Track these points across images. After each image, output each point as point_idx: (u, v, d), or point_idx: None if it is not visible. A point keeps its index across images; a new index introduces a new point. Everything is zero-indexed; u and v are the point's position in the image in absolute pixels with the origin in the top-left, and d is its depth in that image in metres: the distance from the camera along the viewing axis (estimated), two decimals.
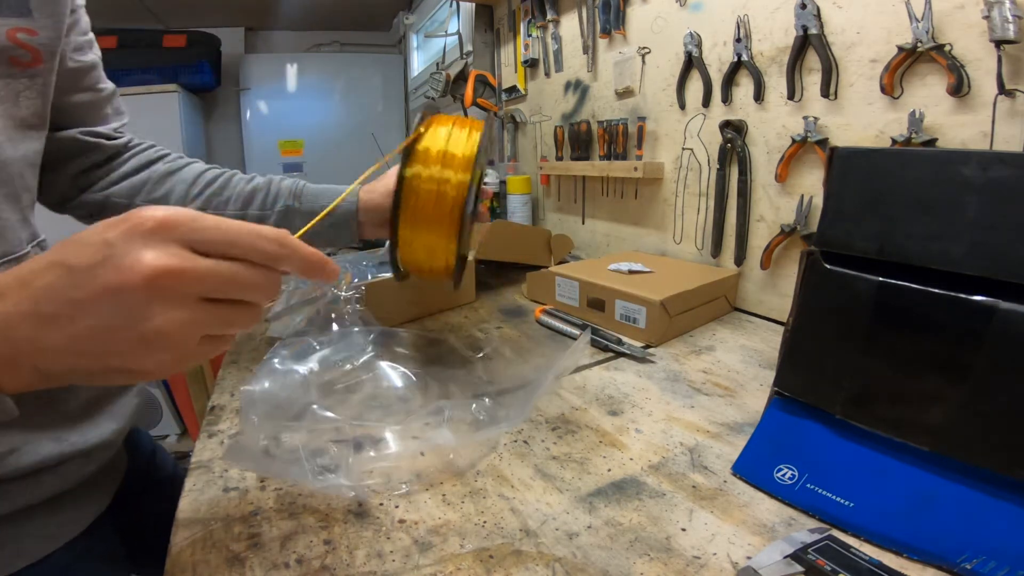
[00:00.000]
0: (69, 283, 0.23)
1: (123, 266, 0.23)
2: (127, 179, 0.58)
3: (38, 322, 0.23)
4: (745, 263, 0.84)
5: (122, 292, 0.23)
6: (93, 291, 0.23)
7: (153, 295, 0.23)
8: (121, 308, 0.23)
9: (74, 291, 0.23)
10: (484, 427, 0.45)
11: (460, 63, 1.63)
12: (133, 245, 0.23)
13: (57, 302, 0.23)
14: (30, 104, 0.42)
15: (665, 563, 0.34)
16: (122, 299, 0.23)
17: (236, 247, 0.25)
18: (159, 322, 0.23)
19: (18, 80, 0.41)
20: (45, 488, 0.41)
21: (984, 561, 0.32)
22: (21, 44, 0.40)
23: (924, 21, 0.56)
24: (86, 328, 0.23)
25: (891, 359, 0.39)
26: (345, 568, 0.34)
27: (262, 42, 3.13)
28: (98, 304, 0.23)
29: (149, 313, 0.23)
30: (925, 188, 0.37)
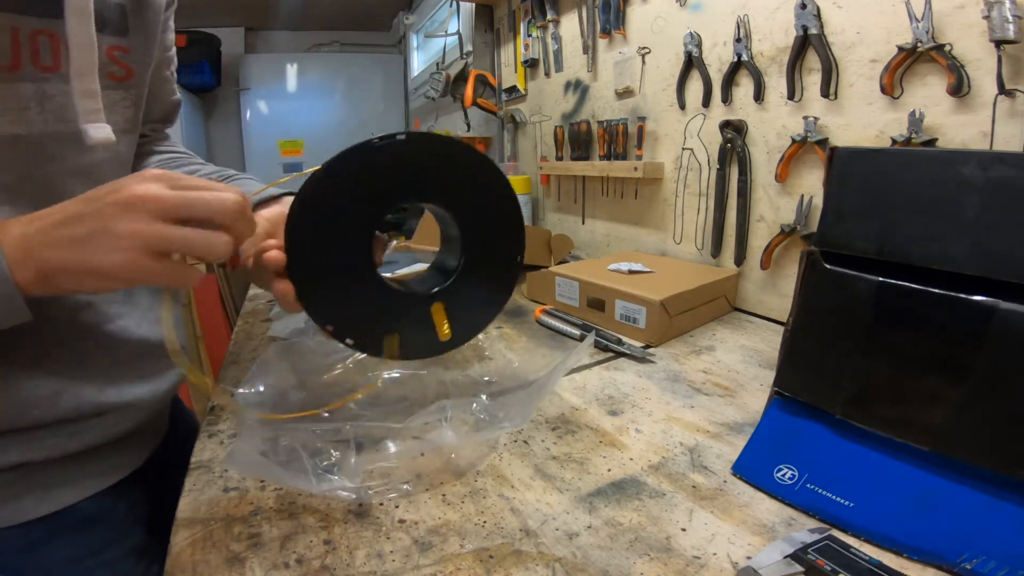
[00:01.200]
0: (83, 205, 0.32)
1: (121, 190, 0.32)
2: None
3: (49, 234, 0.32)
4: (745, 263, 0.84)
5: (107, 203, 0.32)
6: (97, 206, 0.32)
7: (125, 208, 0.31)
8: (106, 215, 0.31)
9: (85, 208, 0.32)
10: (485, 427, 0.45)
11: (460, 63, 1.64)
12: (133, 182, 0.32)
13: (65, 213, 0.32)
14: (124, 112, 0.48)
15: (665, 563, 0.34)
16: (103, 207, 0.32)
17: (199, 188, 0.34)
18: (121, 227, 0.31)
19: (115, 91, 0.46)
20: (79, 440, 0.44)
21: (984, 561, 0.32)
22: (115, 60, 0.45)
23: (924, 21, 0.56)
24: (81, 231, 0.32)
25: (891, 359, 0.39)
26: (345, 568, 0.34)
27: (262, 42, 3.13)
28: (95, 213, 0.32)
29: (117, 221, 0.31)
30: (925, 188, 0.37)
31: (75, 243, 0.32)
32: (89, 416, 0.45)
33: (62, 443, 0.43)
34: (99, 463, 0.47)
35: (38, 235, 0.32)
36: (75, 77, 0.40)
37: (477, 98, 1.54)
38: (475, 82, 1.54)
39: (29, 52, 0.39)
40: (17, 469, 0.42)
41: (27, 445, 0.42)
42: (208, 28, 2.69)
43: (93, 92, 0.41)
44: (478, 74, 1.55)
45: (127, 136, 0.50)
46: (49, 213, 0.33)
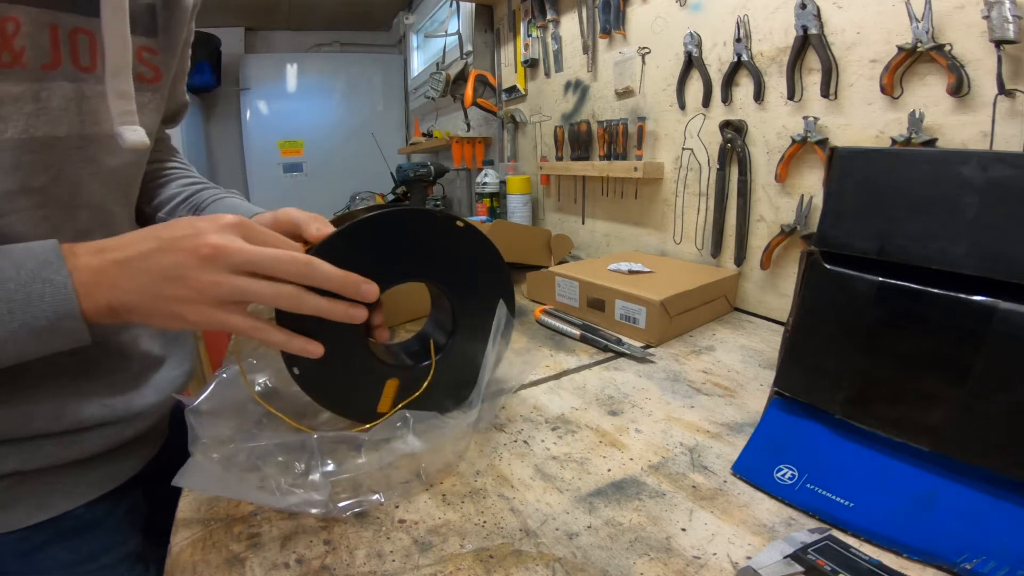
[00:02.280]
0: (155, 244, 0.33)
1: (195, 240, 0.33)
2: None
3: (120, 266, 0.33)
4: (745, 263, 0.84)
5: (185, 253, 0.33)
6: (166, 250, 0.33)
7: (203, 261, 0.33)
8: (178, 264, 0.32)
9: (155, 248, 0.33)
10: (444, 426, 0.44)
11: (460, 63, 1.64)
12: (211, 230, 0.33)
13: (139, 254, 0.33)
14: (151, 116, 0.48)
15: (665, 563, 0.34)
16: (182, 258, 0.32)
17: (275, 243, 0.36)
18: (200, 280, 0.33)
19: (143, 94, 0.45)
20: (79, 448, 0.44)
21: (984, 561, 0.32)
22: (144, 62, 0.45)
23: (924, 21, 0.56)
24: (150, 275, 0.33)
25: (891, 359, 0.39)
26: (345, 568, 0.34)
27: (262, 42, 3.13)
28: (165, 259, 0.33)
29: (195, 273, 0.33)
30: (925, 188, 0.37)
31: (152, 287, 0.33)
32: (91, 427, 0.44)
33: (61, 452, 0.43)
34: (97, 470, 0.47)
35: (113, 271, 0.33)
36: (110, 77, 0.39)
37: (477, 98, 1.55)
38: (475, 82, 1.54)
39: (69, 50, 0.38)
40: (14, 476, 0.41)
41: (26, 454, 0.41)
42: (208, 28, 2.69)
43: (127, 93, 0.40)
44: (478, 74, 1.55)
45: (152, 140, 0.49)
46: (120, 246, 0.33)
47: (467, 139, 1.74)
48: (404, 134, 3.21)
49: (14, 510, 0.42)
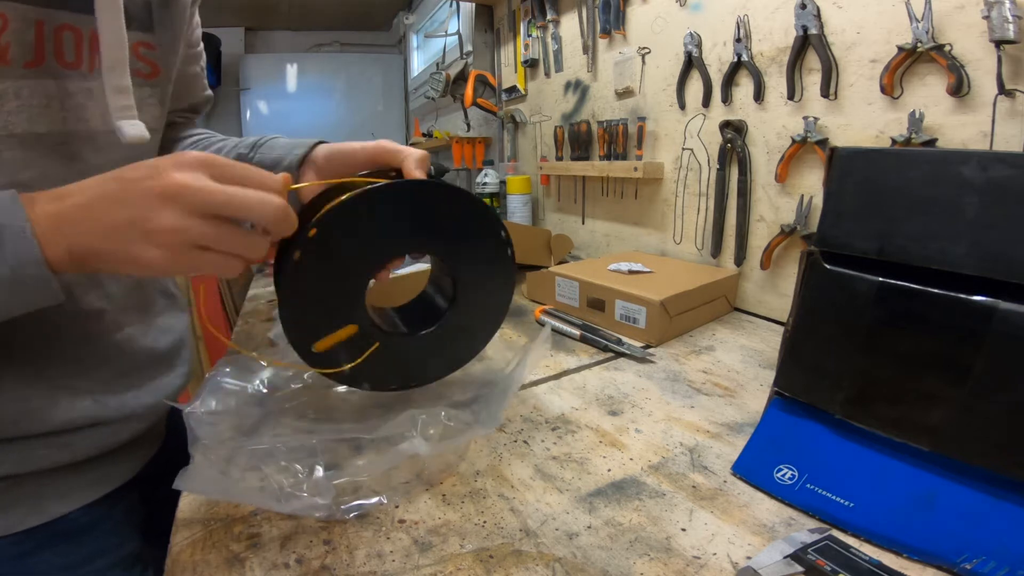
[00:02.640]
0: (115, 184, 0.31)
1: (156, 176, 0.30)
2: None
3: (80, 208, 0.31)
4: (745, 263, 0.84)
5: (144, 191, 0.30)
6: (129, 192, 0.30)
7: (163, 200, 0.30)
8: (139, 206, 0.30)
9: (114, 187, 0.31)
10: (455, 434, 0.43)
11: (460, 63, 1.64)
12: (172, 168, 0.31)
13: (98, 194, 0.31)
14: (151, 110, 0.47)
15: (665, 563, 0.34)
16: (141, 196, 0.30)
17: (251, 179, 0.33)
18: (160, 221, 0.30)
19: (141, 89, 0.45)
20: (72, 451, 0.43)
21: (984, 561, 0.32)
22: (142, 57, 0.45)
23: (924, 21, 0.56)
24: (112, 218, 0.31)
25: (891, 359, 0.39)
26: (345, 568, 0.34)
27: (262, 42, 3.13)
28: (127, 201, 0.30)
29: (155, 214, 0.30)
30: (925, 188, 0.37)
31: (110, 230, 0.31)
32: (83, 427, 0.44)
33: (53, 454, 0.42)
34: (92, 473, 0.46)
35: (71, 214, 0.31)
36: (107, 72, 0.39)
37: (477, 98, 1.55)
38: (475, 82, 1.54)
39: (52, 47, 0.38)
40: (8, 480, 0.41)
41: (17, 456, 0.41)
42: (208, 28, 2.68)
43: (125, 88, 0.40)
44: (478, 74, 1.55)
45: (154, 135, 0.49)
46: (80, 189, 0.31)
47: (467, 139, 1.74)
48: (404, 134, 3.21)
49: (8, 514, 0.41)
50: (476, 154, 1.75)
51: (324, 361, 0.45)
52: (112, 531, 0.48)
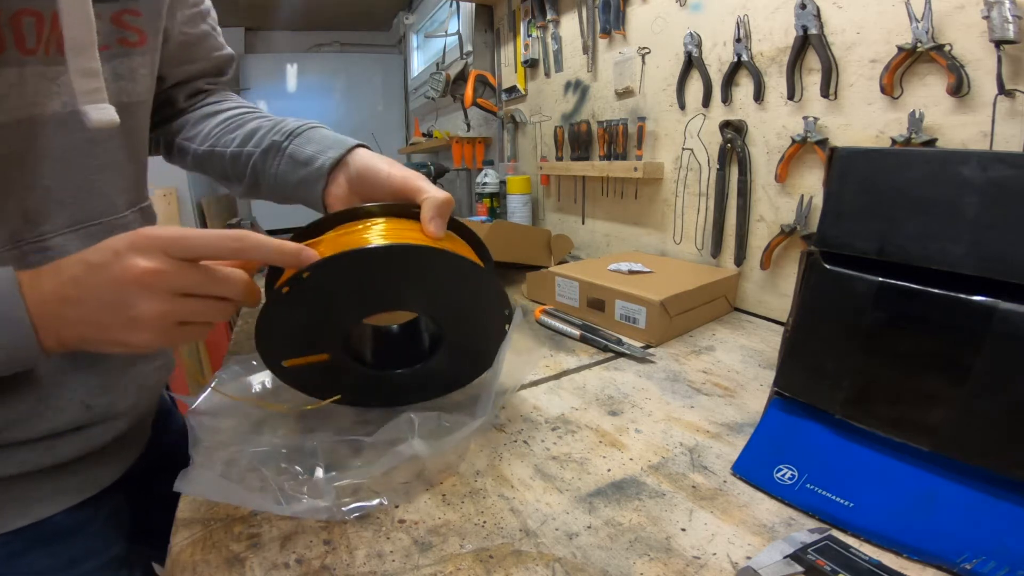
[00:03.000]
0: (86, 273, 0.32)
1: (123, 265, 0.31)
2: (174, 121, 0.61)
3: (62, 301, 0.32)
4: (745, 263, 0.84)
5: (120, 283, 0.31)
6: (100, 281, 0.31)
7: (140, 289, 0.31)
8: (118, 296, 0.31)
9: (89, 279, 0.31)
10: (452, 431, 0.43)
11: (460, 63, 1.64)
12: (131, 253, 0.31)
13: (77, 287, 0.32)
14: (145, 81, 0.46)
15: (665, 563, 0.34)
16: (119, 289, 0.31)
17: (205, 249, 0.33)
18: (142, 309, 0.32)
19: (132, 58, 0.44)
20: (55, 454, 0.43)
21: (984, 561, 0.32)
22: (127, 26, 0.43)
23: (924, 21, 0.56)
24: (93, 309, 0.32)
25: (891, 359, 0.39)
26: (345, 568, 0.34)
27: (262, 42, 3.13)
28: (102, 291, 0.31)
29: (135, 302, 0.31)
30: (925, 188, 0.37)
31: (95, 326, 0.32)
32: (67, 431, 0.43)
33: (36, 458, 0.42)
34: (76, 476, 0.46)
35: (54, 307, 0.32)
36: (72, 55, 0.36)
37: (477, 98, 1.55)
38: (475, 82, 1.54)
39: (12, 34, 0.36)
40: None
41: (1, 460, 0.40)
42: None
43: (93, 71, 0.38)
44: (478, 74, 1.55)
45: (144, 106, 0.48)
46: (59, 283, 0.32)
47: (467, 139, 1.74)
48: (404, 134, 3.21)
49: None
50: (476, 154, 1.75)
51: (294, 377, 0.46)
52: (98, 534, 0.48)
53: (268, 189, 0.55)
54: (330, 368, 0.45)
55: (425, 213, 0.43)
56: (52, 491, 0.44)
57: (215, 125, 0.58)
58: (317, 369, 0.45)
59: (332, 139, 0.53)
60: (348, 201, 0.51)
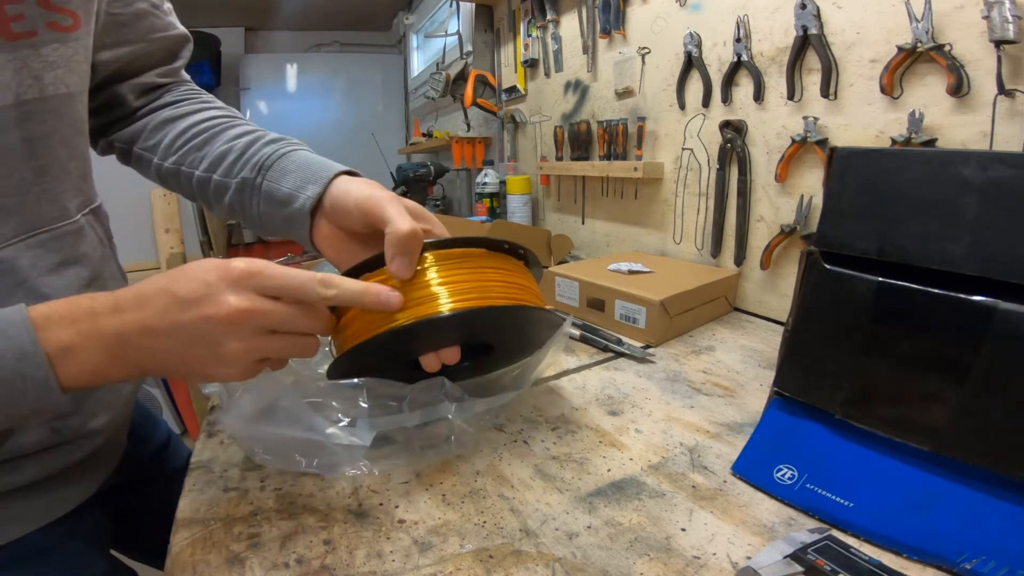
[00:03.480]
0: (175, 308, 0.31)
1: (216, 303, 0.31)
2: (132, 124, 0.54)
3: (147, 333, 0.31)
4: (745, 263, 0.84)
5: (210, 321, 0.31)
6: (192, 317, 0.31)
7: (230, 327, 0.31)
8: (208, 332, 0.31)
9: (179, 315, 0.31)
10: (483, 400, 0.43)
11: (460, 63, 1.64)
12: (223, 288, 0.31)
13: (165, 322, 0.31)
14: (79, 68, 0.41)
15: (665, 563, 0.34)
16: (210, 326, 0.31)
17: (294, 292, 0.33)
18: (231, 347, 0.32)
19: (67, 45, 0.39)
20: (25, 474, 0.40)
21: (984, 561, 0.32)
22: (58, 8, 0.38)
23: (924, 21, 0.56)
24: (181, 342, 0.31)
25: (891, 359, 0.39)
26: (345, 568, 0.34)
27: (262, 42, 3.13)
28: (193, 327, 0.31)
29: (225, 340, 0.32)
30: (925, 188, 0.37)
31: (180, 358, 0.32)
32: (34, 452, 0.40)
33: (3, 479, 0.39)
34: (48, 495, 0.43)
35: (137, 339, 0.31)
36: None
37: (477, 98, 1.54)
38: (475, 82, 1.54)
39: None
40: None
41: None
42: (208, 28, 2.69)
43: None
44: (478, 74, 1.55)
45: (83, 97, 0.43)
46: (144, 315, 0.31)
47: (467, 139, 1.74)
48: (404, 134, 3.21)
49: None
50: (476, 154, 1.75)
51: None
52: (79, 550, 0.46)
53: (254, 226, 0.51)
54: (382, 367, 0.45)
55: (387, 251, 0.38)
56: (23, 509, 0.42)
57: (177, 135, 0.52)
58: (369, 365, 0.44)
59: (310, 168, 0.46)
60: (337, 240, 0.46)
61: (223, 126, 0.52)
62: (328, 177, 0.45)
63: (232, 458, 0.46)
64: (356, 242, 0.46)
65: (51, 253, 0.40)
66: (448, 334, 0.41)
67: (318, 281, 0.34)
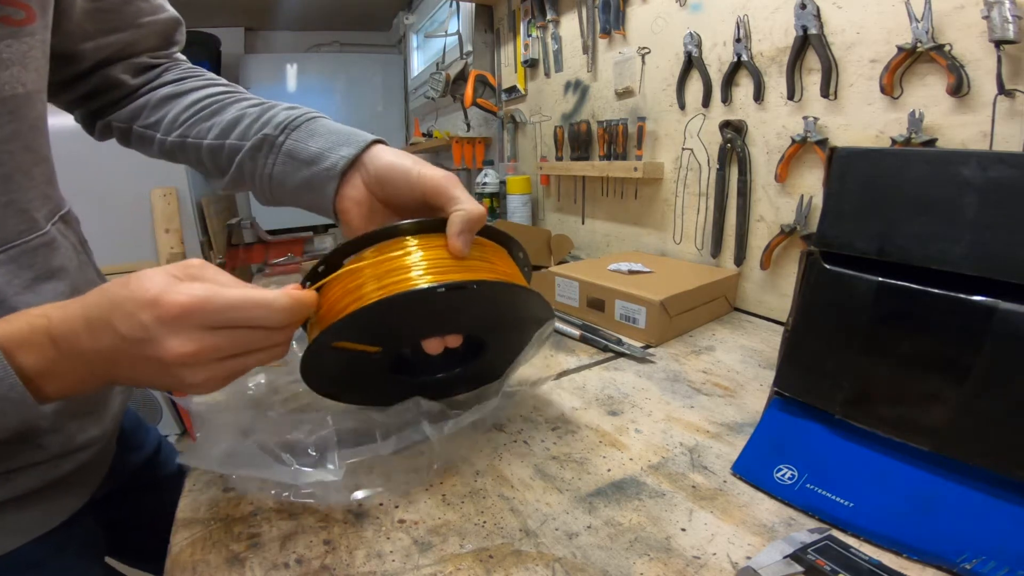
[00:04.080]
0: (124, 345, 0.30)
1: (158, 346, 0.30)
2: (130, 103, 0.52)
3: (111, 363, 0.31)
4: (745, 263, 0.84)
5: (160, 362, 0.30)
6: (142, 356, 0.30)
7: (182, 366, 0.31)
8: (164, 370, 0.31)
9: (130, 350, 0.30)
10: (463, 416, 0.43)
11: (460, 63, 1.64)
12: (161, 332, 0.30)
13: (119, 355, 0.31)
14: (35, 63, 0.38)
15: (665, 563, 0.34)
16: (163, 367, 0.30)
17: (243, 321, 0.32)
18: (191, 377, 0.31)
19: (21, 40, 0.36)
20: (15, 487, 0.40)
21: (984, 561, 0.32)
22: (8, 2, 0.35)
23: (924, 21, 0.56)
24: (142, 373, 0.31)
25: (891, 359, 0.39)
26: (345, 568, 0.34)
27: (262, 42, 3.13)
28: (147, 364, 0.31)
29: (182, 373, 0.31)
30: (925, 188, 0.37)
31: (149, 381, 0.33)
32: (24, 467, 0.40)
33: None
34: (37, 508, 0.42)
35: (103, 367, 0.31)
36: None
37: (477, 98, 1.54)
38: (475, 82, 1.54)
39: None
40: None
41: None
42: (208, 28, 2.70)
43: None
44: (478, 74, 1.55)
45: (40, 96, 0.40)
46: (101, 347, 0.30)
47: (467, 139, 1.74)
48: (404, 134, 3.21)
49: None
50: (476, 154, 1.75)
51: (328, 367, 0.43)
52: (72, 561, 0.46)
53: (259, 191, 0.48)
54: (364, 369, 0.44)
55: (452, 227, 0.38)
56: (14, 521, 0.41)
57: (182, 110, 0.50)
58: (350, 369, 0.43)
59: (341, 133, 0.45)
60: (367, 207, 0.44)
61: (232, 99, 0.50)
62: (365, 142, 0.44)
63: None
64: (388, 210, 0.45)
65: (24, 269, 0.39)
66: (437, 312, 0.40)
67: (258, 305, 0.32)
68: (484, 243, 0.43)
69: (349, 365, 0.42)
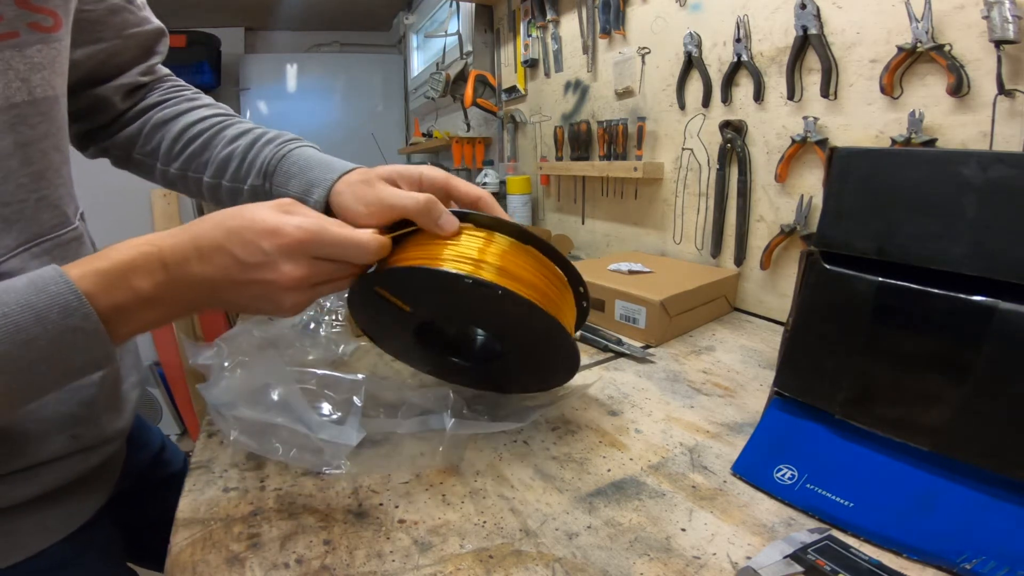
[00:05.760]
0: (236, 269, 0.34)
1: (274, 270, 0.34)
2: (125, 129, 0.53)
3: (215, 288, 0.34)
4: (745, 263, 0.84)
5: (271, 285, 0.34)
6: (253, 279, 0.34)
7: (288, 290, 0.35)
8: (268, 292, 0.35)
9: (240, 275, 0.34)
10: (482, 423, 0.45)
11: (460, 63, 1.64)
12: (279, 257, 0.34)
13: (227, 280, 0.34)
14: (61, 70, 0.40)
15: (665, 563, 0.34)
16: (270, 289, 0.35)
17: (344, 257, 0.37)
18: (289, 301, 0.36)
19: (50, 46, 0.38)
20: (44, 482, 0.40)
21: (984, 561, 0.32)
22: (38, 8, 0.37)
23: (924, 21, 0.56)
24: (243, 297, 0.35)
25: (891, 359, 0.39)
26: (345, 568, 0.34)
27: (262, 42, 3.13)
28: (255, 287, 0.34)
29: (284, 297, 0.35)
30: (925, 188, 0.37)
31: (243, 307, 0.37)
32: (52, 460, 0.40)
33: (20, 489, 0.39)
34: (63, 506, 0.43)
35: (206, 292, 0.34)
36: None
37: (477, 98, 1.55)
38: (475, 82, 1.54)
39: None
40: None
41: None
42: (208, 28, 2.69)
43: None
44: (478, 74, 1.55)
45: (64, 99, 0.42)
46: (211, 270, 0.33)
47: (467, 139, 1.74)
48: (404, 134, 3.21)
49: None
50: (476, 154, 1.75)
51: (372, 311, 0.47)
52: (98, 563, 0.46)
53: None
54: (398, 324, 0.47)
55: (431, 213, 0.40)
56: (42, 519, 0.41)
57: (174, 139, 0.52)
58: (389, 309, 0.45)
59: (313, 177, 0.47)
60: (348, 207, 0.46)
61: (218, 126, 0.52)
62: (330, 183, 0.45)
63: (232, 458, 0.46)
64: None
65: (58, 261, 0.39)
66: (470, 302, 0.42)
67: (356, 243, 0.37)
68: (558, 275, 0.44)
69: (385, 312, 0.45)
